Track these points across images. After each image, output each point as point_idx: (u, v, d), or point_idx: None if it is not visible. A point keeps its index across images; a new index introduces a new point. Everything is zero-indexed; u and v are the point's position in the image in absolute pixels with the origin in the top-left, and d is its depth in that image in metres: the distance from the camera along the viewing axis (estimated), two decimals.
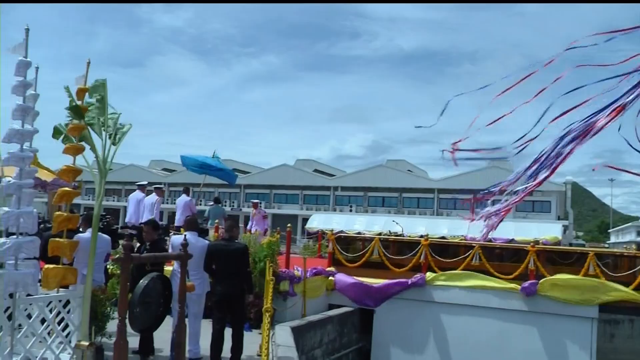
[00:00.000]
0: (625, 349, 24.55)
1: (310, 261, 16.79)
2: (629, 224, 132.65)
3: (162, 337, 8.33)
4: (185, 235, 8.28)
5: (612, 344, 24.40)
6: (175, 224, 17.24)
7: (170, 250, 8.81)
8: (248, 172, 79.27)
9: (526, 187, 13.08)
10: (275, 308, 12.48)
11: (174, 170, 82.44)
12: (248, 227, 20.91)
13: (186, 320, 7.42)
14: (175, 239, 8.77)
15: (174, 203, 21.60)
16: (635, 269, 15.74)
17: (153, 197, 16.15)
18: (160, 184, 23.66)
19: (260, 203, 23.66)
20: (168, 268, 9.31)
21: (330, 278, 16.92)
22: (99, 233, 7.21)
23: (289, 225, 17.10)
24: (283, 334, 11.20)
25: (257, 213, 21.40)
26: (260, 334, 9.60)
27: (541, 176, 9.57)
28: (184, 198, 17.52)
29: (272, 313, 9.03)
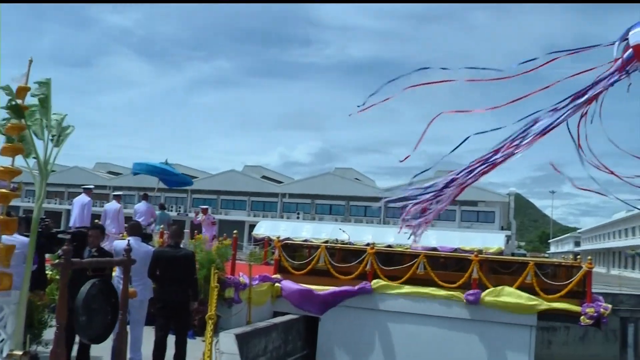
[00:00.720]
0: (561, 354, 25.31)
1: (256, 268, 16.69)
2: (568, 234, 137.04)
3: (103, 344, 8.12)
4: (128, 240, 8.10)
5: (550, 350, 25.16)
6: None
7: (114, 256, 8.61)
8: (195, 177, 78.27)
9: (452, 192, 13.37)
10: (219, 315, 12.34)
11: (119, 174, 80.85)
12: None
13: (127, 327, 7.24)
14: (118, 244, 8.58)
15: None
16: (572, 278, 16.21)
17: (114, 204, 15.88)
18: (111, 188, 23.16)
19: (208, 209, 23.42)
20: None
21: (276, 285, 16.86)
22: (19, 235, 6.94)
23: (235, 231, 16.96)
24: (227, 342, 11.07)
25: (206, 219, 21.18)
26: (204, 341, 9.46)
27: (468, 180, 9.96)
28: (144, 204, 17.01)
29: (215, 320, 8.91)
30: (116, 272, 8.35)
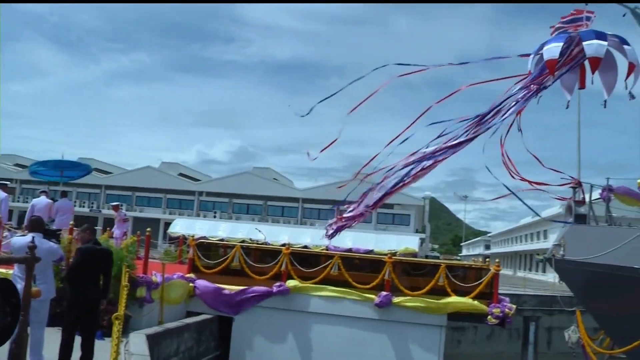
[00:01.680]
0: (469, 353, 26.20)
1: (170, 267, 16.38)
2: (479, 238, 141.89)
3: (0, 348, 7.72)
4: (32, 237, 7.73)
5: (459, 349, 25.99)
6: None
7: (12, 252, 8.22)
8: (110, 173, 76.14)
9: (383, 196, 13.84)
10: (130, 315, 12.02)
11: (27, 166, 77.26)
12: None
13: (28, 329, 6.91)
14: (18, 241, 8.20)
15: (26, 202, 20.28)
16: (481, 280, 16.79)
17: (43, 199, 15.18)
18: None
19: (121, 205, 22.81)
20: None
21: (190, 285, 16.58)
22: None
23: (148, 229, 16.53)
24: (137, 342, 10.79)
25: (118, 216, 20.64)
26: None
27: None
28: (43, 199, 16.10)
29: (123, 320, 8.65)
30: (15, 270, 7.95)
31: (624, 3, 16.35)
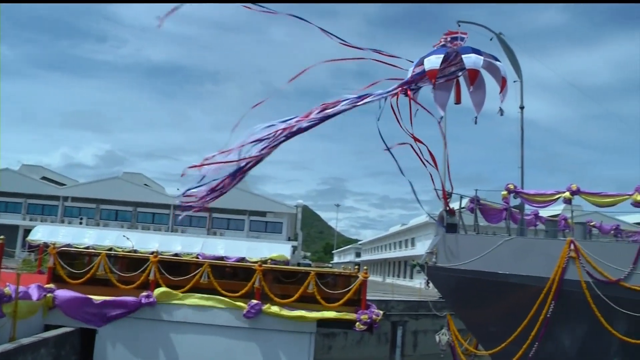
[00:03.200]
0: (340, 358, 26.70)
1: (27, 277, 15.46)
2: (350, 245, 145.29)
3: None
4: None
5: (329, 354, 26.41)
6: None
7: None
8: None
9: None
10: None
11: None
12: None
13: None
14: None
15: None
16: (350, 287, 17.20)
17: None
18: None
19: None
20: None
21: (49, 295, 15.69)
22: None
23: (1, 236, 15.41)
24: None
25: None
26: None
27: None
28: None
29: None
30: None
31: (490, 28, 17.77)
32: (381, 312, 17.52)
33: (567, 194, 14.80)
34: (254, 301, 16.49)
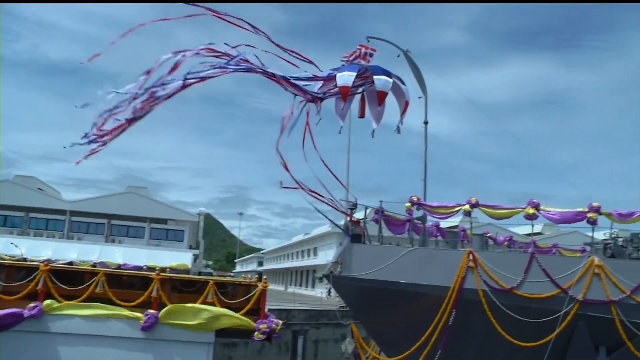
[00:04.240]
0: None
1: None
2: (252, 254, 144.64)
3: None
4: None
5: None
6: None
7: None
8: None
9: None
10: None
11: None
12: None
13: None
14: None
15: None
16: (249, 296, 16.99)
17: None
18: None
19: None
20: None
21: None
22: None
23: None
24: None
25: None
26: None
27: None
28: None
29: None
30: None
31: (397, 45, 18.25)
32: (281, 321, 17.46)
33: (467, 206, 15.32)
34: (151, 311, 15.90)
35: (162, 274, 17.22)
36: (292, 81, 15.82)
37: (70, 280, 16.61)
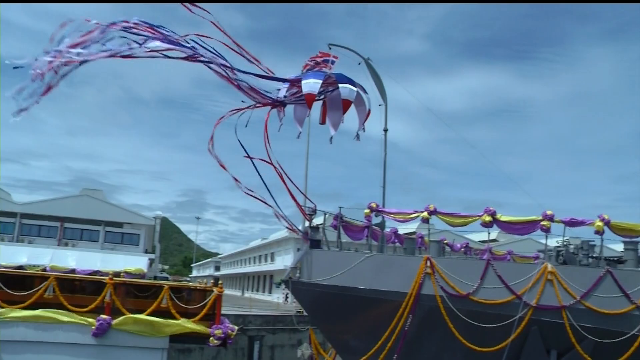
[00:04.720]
0: None
1: None
2: (209, 259, 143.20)
3: None
4: None
5: None
6: None
7: None
8: None
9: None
10: None
11: None
12: None
13: None
14: None
15: None
16: (205, 301, 16.80)
17: None
18: None
19: None
20: None
21: None
22: None
23: None
24: None
25: None
26: None
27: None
28: None
29: None
30: None
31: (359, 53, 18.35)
32: (236, 327, 17.37)
33: (425, 213, 15.44)
34: (103, 316, 15.54)
35: (115, 278, 16.86)
36: (252, 86, 15.72)
37: (19, 285, 16.14)
